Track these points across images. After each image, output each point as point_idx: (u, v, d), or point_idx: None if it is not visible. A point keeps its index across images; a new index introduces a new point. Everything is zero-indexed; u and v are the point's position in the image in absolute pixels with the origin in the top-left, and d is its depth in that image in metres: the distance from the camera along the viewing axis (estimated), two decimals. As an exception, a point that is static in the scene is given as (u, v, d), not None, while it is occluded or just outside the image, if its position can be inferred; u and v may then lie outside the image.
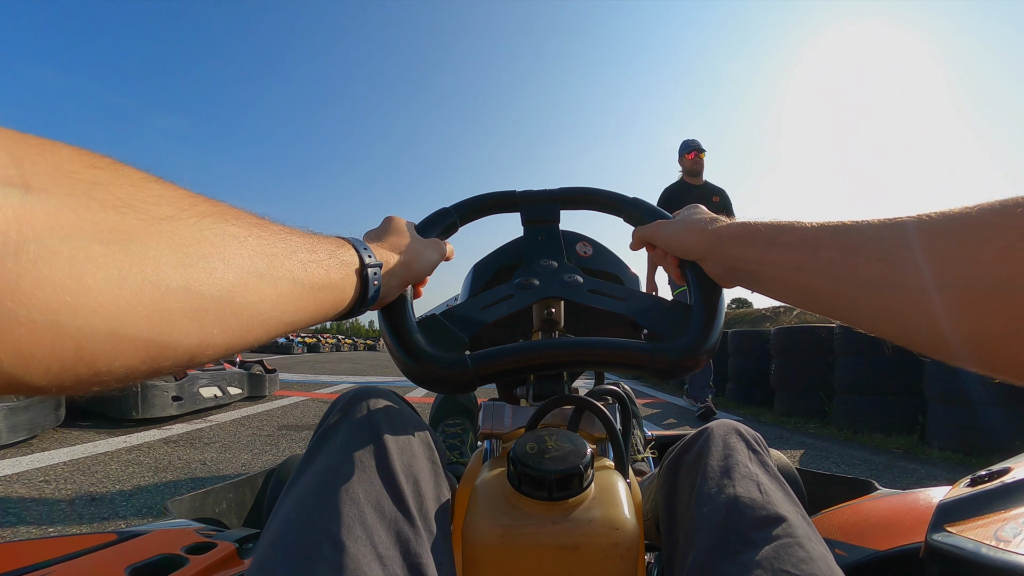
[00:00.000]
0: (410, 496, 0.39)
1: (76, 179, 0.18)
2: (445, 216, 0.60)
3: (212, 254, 0.24)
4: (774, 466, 0.45)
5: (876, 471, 2.60)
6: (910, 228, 0.30)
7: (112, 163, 0.21)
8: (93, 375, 0.19)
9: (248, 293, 0.26)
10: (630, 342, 0.48)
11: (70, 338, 0.17)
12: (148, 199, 0.21)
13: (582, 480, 0.41)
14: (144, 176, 0.22)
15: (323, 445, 0.41)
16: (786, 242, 0.39)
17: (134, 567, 0.57)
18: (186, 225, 0.22)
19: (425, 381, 0.49)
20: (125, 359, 0.20)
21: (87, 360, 0.18)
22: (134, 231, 0.19)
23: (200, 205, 0.24)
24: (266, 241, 0.29)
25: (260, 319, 0.28)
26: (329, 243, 0.38)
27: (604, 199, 0.61)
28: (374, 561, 0.32)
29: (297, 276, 0.31)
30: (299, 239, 0.33)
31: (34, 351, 0.16)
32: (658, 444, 0.96)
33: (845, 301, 0.34)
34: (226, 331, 0.25)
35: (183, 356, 0.23)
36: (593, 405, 0.51)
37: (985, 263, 0.25)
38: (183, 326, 0.22)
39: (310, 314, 0.34)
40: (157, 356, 0.21)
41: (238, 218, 0.27)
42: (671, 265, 0.52)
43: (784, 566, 0.34)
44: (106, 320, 0.18)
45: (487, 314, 0.54)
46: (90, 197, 0.18)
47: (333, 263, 0.36)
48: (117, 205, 0.19)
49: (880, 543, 0.55)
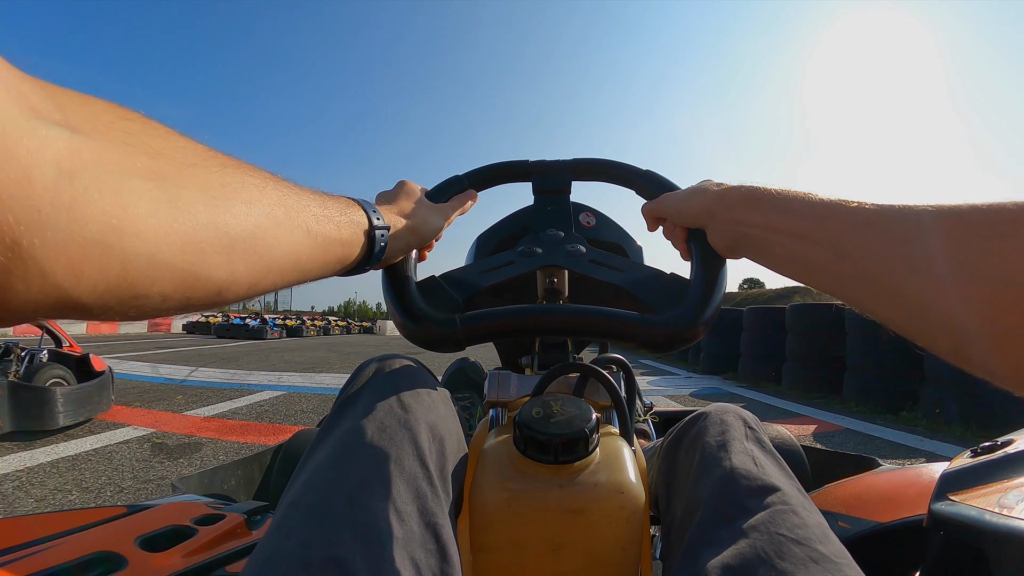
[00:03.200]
0: (434, 455, 0.39)
1: (112, 127, 0.20)
2: (457, 183, 0.60)
3: (235, 197, 0.26)
4: (770, 443, 0.46)
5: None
6: (927, 213, 0.28)
7: (141, 117, 0.23)
8: (133, 297, 0.21)
9: (268, 236, 0.28)
10: (622, 312, 0.48)
11: (116, 258, 0.19)
12: (175, 148, 0.23)
13: (587, 444, 0.41)
14: (169, 130, 0.24)
15: (344, 410, 0.41)
16: (794, 209, 0.37)
17: (143, 538, 0.57)
18: (210, 172, 0.24)
19: (418, 339, 0.50)
20: (162, 285, 0.22)
21: (129, 281, 0.20)
22: (166, 173, 0.21)
23: (220, 157, 0.26)
24: (282, 192, 0.31)
25: (278, 263, 0.29)
26: (340, 202, 0.39)
27: (617, 171, 0.61)
28: (392, 516, 0.33)
29: (311, 227, 0.33)
30: (312, 195, 0.35)
31: (85, 267, 0.18)
32: (660, 419, 0.97)
33: (851, 278, 0.32)
34: (250, 269, 0.27)
35: (212, 288, 0.25)
36: (598, 372, 0.51)
37: (1004, 258, 0.24)
38: (213, 260, 0.24)
39: (320, 265, 0.35)
40: (190, 285, 0.23)
41: (255, 171, 0.29)
42: (679, 239, 0.51)
43: (780, 530, 0.34)
44: (146, 245, 0.20)
45: (485, 278, 0.54)
46: (125, 143, 0.20)
47: (344, 220, 0.37)
48: (148, 151, 0.21)
49: (882, 515, 0.56)
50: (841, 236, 0.33)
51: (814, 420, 3.89)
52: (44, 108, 0.17)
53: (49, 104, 0.18)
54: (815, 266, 0.35)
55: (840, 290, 0.34)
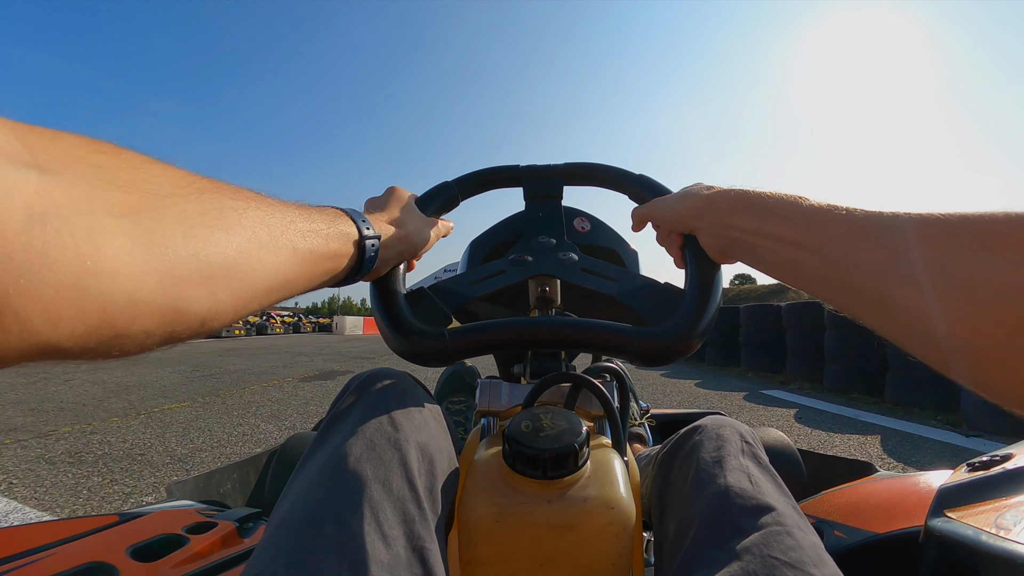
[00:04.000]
0: (422, 475, 0.39)
1: (84, 163, 0.20)
2: (446, 190, 0.59)
3: (215, 225, 0.25)
4: (766, 459, 0.45)
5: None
6: (916, 222, 0.28)
7: (114, 148, 0.22)
8: (114, 337, 0.20)
9: (251, 261, 0.27)
10: (614, 324, 0.47)
11: (93, 301, 0.19)
12: (150, 179, 0.23)
13: (577, 458, 0.40)
14: (144, 158, 0.24)
15: (334, 426, 0.41)
16: (784, 214, 0.37)
17: (135, 547, 0.57)
18: (187, 201, 0.24)
19: (406, 353, 0.49)
20: (143, 323, 0.21)
21: (109, 322, 0.20)
22: (140, 206, 0.21)
23: (198, 183, 0.26)
24: (264, 212, 0.30)
25: (264, 285, 0.29)
26: (327, 214, 0.38)
27: (608, 175, 0.60)
28: (377, 540, 0.32)
29: (297, 245, 0.32)
30: (297, 211, 0.34)
31: (62, 312, 0.18)
32: (658, 422, 0.96)
33: (841, 285, 0.33)
34: (234, 297, 0.26)
35: (195, 321, 0.24)
36: (590, 383, 0.50)
37: (991, 270, 0.24)
38: (194, 292, 0.23)
39: (308, 280, 0.35)
40: (172, 320, 0.23)
41: (235, 193, 0.29)
42: (672, 245, 0.50)
43: (773, 553, 0.34)
44: (124, 284, 0.20)
45: (475, 289, 0.53)
46: (98, 179, 0.20)
47: (332, 233, 0.37)
48: (122, 185, 0.21)
49: (879, 526, 0.56)
50: (830, 243, 0.33)
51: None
52: (12, 149, 0.17)
53: (17, 144, 0.17)
54: (805, 272, 0.35)
55: (830, 296, 0.34)
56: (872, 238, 0.30)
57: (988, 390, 0.25)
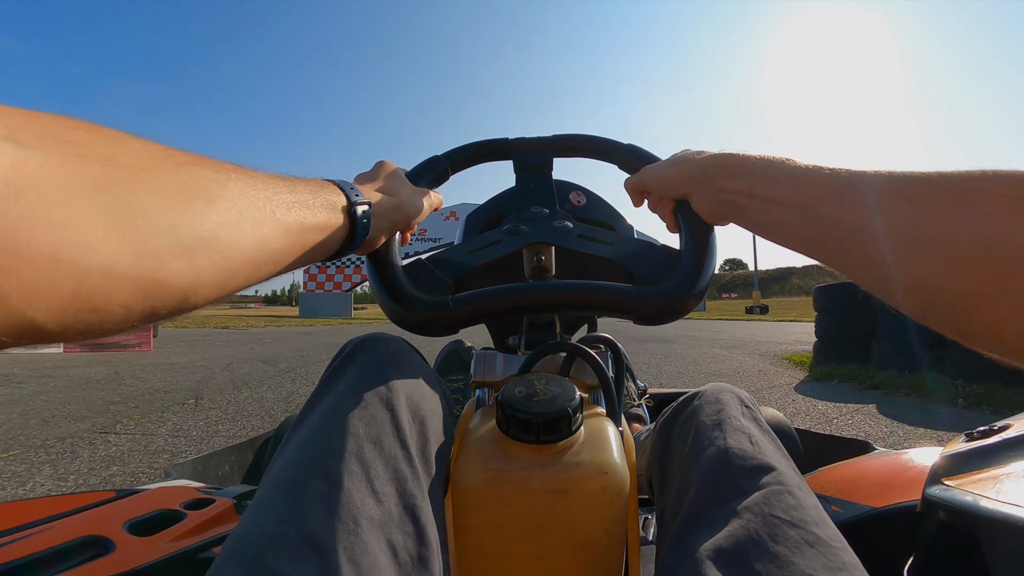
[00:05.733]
0: (414, 436, 0.38)
1: (61, 139, 0.20)
2: (436, 164, 0.59)
3: (194, 196, 0.25)
4: (766, 423, 0.45)
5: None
6: (897, 179, 0.29)
7: (91, 125, 0.22)
8: (91, 312, 0.20)
9: (233, 233, 0.27)
10: (615, 285, 0.47)
11: (68, 274, 0.18)
12: (128, 153, 0.22)
13: (570, 423, 0.40)
14: (122, 134, 0.24)
15: (327, 388, 0.41)
16: (773, 176, 0.38)
17: (132, 522, 0.57)
18: (166, 173, 0.24)
19: (408, 323, 0.49)
20: (120, 296, 0.21)
21: (84, 296, 0.19)
22: (117, 180, 0.21)
23: (177, 156, 0.25)
24: (246, 184, 0.29)
25: (247, 259, 0.28)
26: (312, 184, 0.37)
27: (597, 145, 0.60)
28: (368, 496, 0.32)
29: (280, 217, 0.31)
30: (281, 182, 0.33)
31: (37, 286, 0.18)
32: (655, 401, 0.96)
33: (827, 242, 0.34)
34: (217, 270, 0.26)
35: (176, 295, 0.24)
36: (584, 351, 0.50)
37: (971, 223, 0.25)
38: (174, 265, 0.23)
39: (297, 254, 0.34)
40: (151, 294, 0.22)
41: (216, 165, 0.28)
42: (665, 210, 0.51)
43: (774, 511, 0.34)
44: (99, 257, 0.19)
45: (473, 258, 0.53)
46: (75, 154, 0.20)
47: (318, 202, 0.36)
48: (100, 159, 0.21)
49: (876, 500, 0.56)
50: (816, 202, 0.34)
51: None
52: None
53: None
54: (794, 231, 0.36)
55: (818, 254, 0.35)
56: (854, 195, 0.32)
57: (967, 338, 0.26)
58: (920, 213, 0.27)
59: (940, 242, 0.26)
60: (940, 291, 0.26)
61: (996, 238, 0.24)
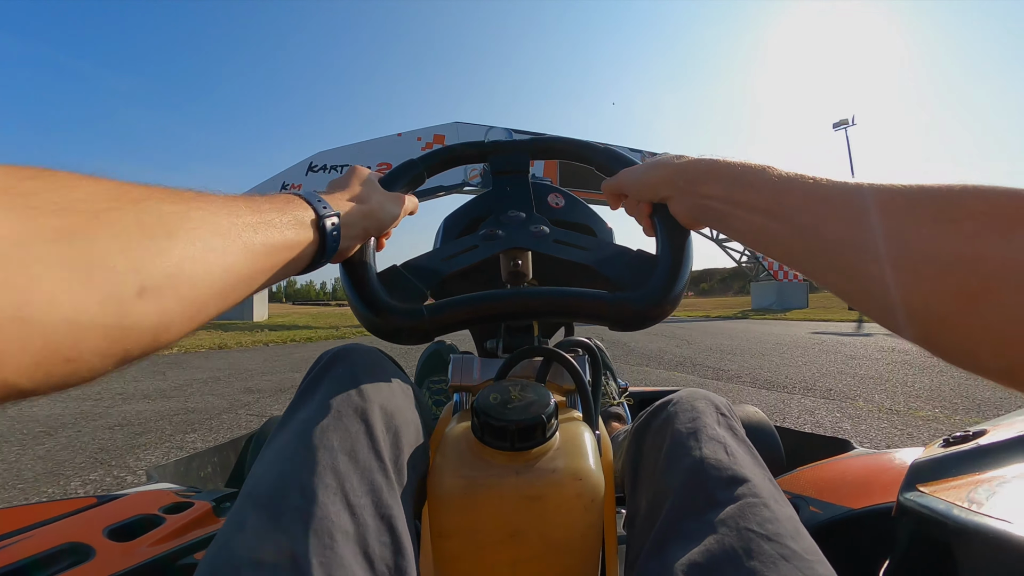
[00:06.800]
0: (388, 447, 0.39)
1: (12, 192, 0.20)
2: (411, 168, 0.58)
3: (153, 234, 0.24)
4: (742, 431, 0.45)
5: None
6: (879, 192, 0.29)
7: (43, 171, 0.22)
8: (64, 363, 0.20)
9: (198, 265, 0.27)
10: (590, 291, 0.47)
11: (36, 331, 0.18)
12: (83, 197, 0.22)
13: (545, 430, 0.40)
14: (75, 177, 0.23)
15: (302, 400, 0.41)
16: (752, 182, 0.38)
17: (112, 528, 0.57)
18: (123, 214, 0.23)
19: (383, 332, 0.48)
20: (91, 344, 0.21)
21: (54, 350, 0.19)
22: (74, 228, 0.21)
23: (132, 192, 0.25)
24: (207, 211, 0.29)
25: (216, 288, 0.28)
26: (278, 202, 0.37)
27: (573, 148, 0.60)
28: (343, 510, 0.32)
29: (246, 240, 0.31)
30: (243, 204, 0.33)
31: (4, 348, 0.18)
32: (636, 400, 0.96)
33: (806, 253, 0.33)
34: (184, 306, 0.26)
35: (147, 336, 0.24)
36: (560, 356, 0.50)
37: (949, 241, 0.25)
38: (140, 307, 0.23)
39: (267, 275, 0.34)
40: (121, 339, 0.22)
41: (174, 196, 0.28)
42: (642, 214, 0.51)
43: (749, 525, 0.34)
44: (64, 310, 0.19)
45: (448, 265, 0.52)
46: (28, 207, 0.20)
47: (285, 220, 0.36)
48: (54, 209, 0.21)
49: (853, 501, 0.56)
50: (797, 212, 0.34)
51: None
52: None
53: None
54: (773, 240, 0.36)
55: (798, 264, 0.35)
56: (836, 207, 0.31)
57: (940, 352, 0.27)
58: (901, 229, 0.27)
59: (917, 259, 0.26)
60: (915, 308, 0.26)
61: (972, 257, 0.24)
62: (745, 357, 5.65)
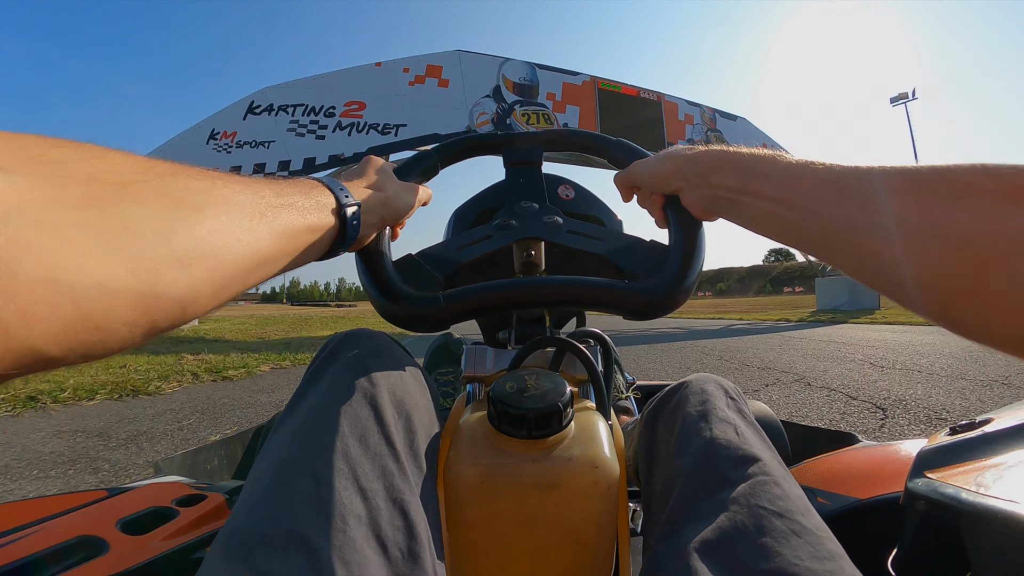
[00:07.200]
0: (400, 431, 0.39)
1: (42, 160, 0.20)
2: (425, 158, 0.58)
3: (182, 206, 0.25)
4: (751, 415, 0.46)
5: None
6: (889, 175, 0.30)
7: (72, 143, 0.22)
8: (94, 330, 0.20)
9: (226, 240, 0.27)
10: (605, 280, 0.48)
11: (66, 295, 0.18)
12: (110, 169, 0.22)
13: (561, 418, 0.41)
14: (103, 149, 0.24)
15: (310, 386, 0.41)
16: (764, 172, 0.38)
17: (125, 520, 0.57)
18: (150, 186, 0.24)
19: (400, 320, 0.49)
20: (120, 312, 0.21)
21: (84, 316, 0.19)
22: (102, 196, 0.21)
23: (160, 167, 0.25)
24: (234, 190, 0.29)
25: (242, 265, 0.28)
26: (301, 186, 0.37)
27: (587, 140, 0.60)
28: (355, 494, 0.32)
29: (272, 221, 0.31)
30: (268, 186, 0.33)
31: (35, 311, 0.18)
32: (643, 393, 0.97)
33: (819, 237, 0.34)
34: (212, 278, 0.26)
35: (174, 306, 0.24)
36: (574, 346, 0.51)
37: (959, 218, 0.26)
38: (169, 276, 0.23)
39: (290, 256, 0.34)
40: (150, 308, 0.22)
41: (201, 174, 0.28)
42: (655, 206, 0.51)
43: (760, 503, 0.35)
44: (94, 274, 0.19)
45: (463, 254, 0.53)
46: (58, 175, 0.20)
47: (308, 204, 0.36)
48: (83, 178, 0.21)
49: (860, 492, 0.57)
50: (808, 198, 0.34)
51: None
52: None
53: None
54: (786, 227, 0.37)
55: (811, 249, 0.36)
56: (845, 191, 0.32)
57: (956, 327, 0.27)
58: (910, 209, 0.28)
59: (929, 238, 0.27)
60: (930, 285, 0.27)
61: (983, 233, 0.25)
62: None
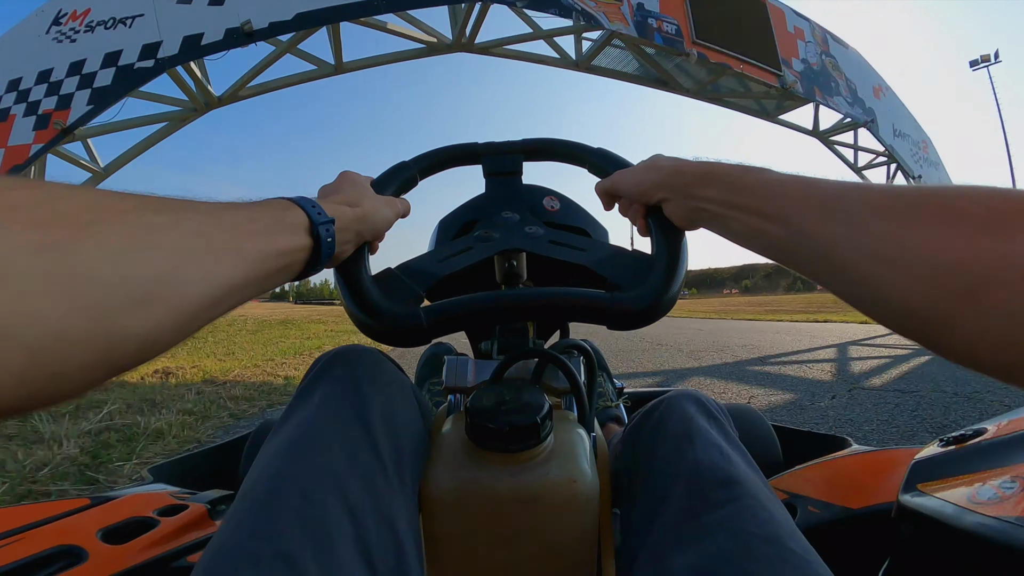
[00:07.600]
0: (388, 449, 0.38)
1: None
2: (403, 170, 0.57)
3: (142, 245, 0.24)
4: (734, 433, 0.46)
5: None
6: (876, 194, 0.29)
7: (27, 183, 0.22)
8: (51, 378, 0.20)
9: (188, 274, 0.26)
10: (587, 291, 0.47)
11: (18, 348, 0.18)
12: (68, 209, 0.22)
13: (539, 432, 0.40)
14: (62, 188, 0.23)
15: (300, 402, 0.41)
16: (749, 186, 0.38)
17: (105, 530, 0.57)
18: (109, 225, 0.23)
19: (380, 335, 0.48)
20: (78, 359, 0.20)
21: (39, 365, 0.19)
22: (59, 240, 0.20)
23: (120, 203, 0.25)
24: (198, 221, 0.28)
25: (208, 297, 0.27)
26: (272, 207, 0.36)
27: (567, 149, 0.59)
28: (342, 512, 0.32)
29: (240, 248, 0.30)
30: (236, 212, 0.32)
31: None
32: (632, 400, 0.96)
33: (804, 255, 0.33)
34: (175, 314, 0.25)
35: (134, 348, 0.23)
36: (555, 358, 0.50)
37: (946, 244, 0.25)
38: (128, 318, 0.22)
39: (261, 283, 0.33)
40: (110, 351, 0.22)
41: (162, 205, 0.27)
42: (637, 215, 0.51)
43: (747, 527, 0.34)
44: (49, 325, 0.19)
45: (444, 267, 0.52)
46: (12, 220, 0.19)
47: (278, 227, 0.35)
48: (38, 222, 0.20)
49: (852, 501, 0.56)
50: (794, 215, 0.34)
51: None
52: None
53: None
54: (771, 243, 0.36)
55: (794, 265, 0.35)
56: (833, 210, 0.31)
57: (940, 351, 0.27)
58: (898, 232, 0.27)
59: (914, 262, 0.26)
60: (913, 309, 0.26)
61: (966, 260, 0.24)
62: None
